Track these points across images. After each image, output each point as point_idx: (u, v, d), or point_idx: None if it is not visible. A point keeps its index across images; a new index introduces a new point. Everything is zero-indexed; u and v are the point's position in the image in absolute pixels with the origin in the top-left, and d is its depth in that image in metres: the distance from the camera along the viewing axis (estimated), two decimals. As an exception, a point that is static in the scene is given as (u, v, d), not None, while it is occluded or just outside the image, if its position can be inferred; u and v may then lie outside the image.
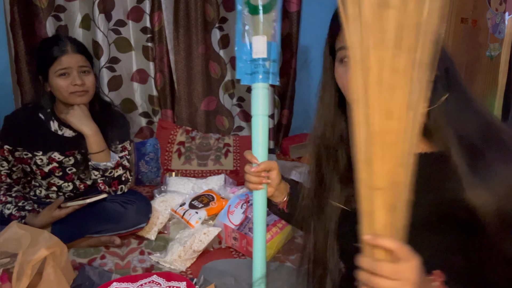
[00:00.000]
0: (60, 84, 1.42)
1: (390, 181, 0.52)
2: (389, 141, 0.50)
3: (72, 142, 1.53)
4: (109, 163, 1.50)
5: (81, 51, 1.46)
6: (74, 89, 1.43)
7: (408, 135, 0.51)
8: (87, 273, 1.28)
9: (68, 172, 1.55)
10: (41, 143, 1.50)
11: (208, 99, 2.32)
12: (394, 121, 0.50)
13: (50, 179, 1.55)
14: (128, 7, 2.09)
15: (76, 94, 1.44)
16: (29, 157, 1.51)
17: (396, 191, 0.52)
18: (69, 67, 1.42)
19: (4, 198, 1.48)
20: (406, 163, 0.52)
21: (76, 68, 1.43)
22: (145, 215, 1.57)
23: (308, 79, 2.41)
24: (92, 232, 1.50)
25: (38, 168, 1.51)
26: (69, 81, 1.42)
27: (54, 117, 1.51)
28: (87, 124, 1.47)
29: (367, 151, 0.51)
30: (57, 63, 1.41)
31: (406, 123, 0.50)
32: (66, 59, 1.42)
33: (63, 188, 1.57)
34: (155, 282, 1.15)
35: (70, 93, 1.43)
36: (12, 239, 1.09)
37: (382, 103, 0.49)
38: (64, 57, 1.41)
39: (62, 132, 1.53)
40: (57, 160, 1.52)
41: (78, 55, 1.44)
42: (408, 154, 0.52)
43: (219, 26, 2.20)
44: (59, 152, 1.52)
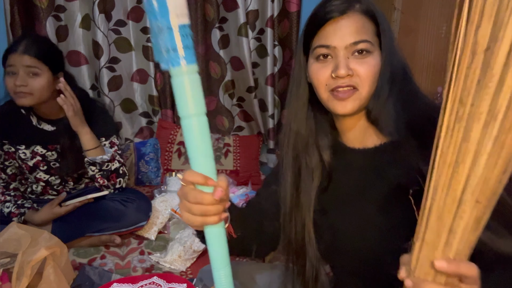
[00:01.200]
0: (7, 82, 1.41)
1: (491, 192, 0.41)
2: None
3: (52, 136, 1.53)
4: (105, 156, 1.50)
5: (34, 53, 1.40)
6: (18, 89, 1.39)
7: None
8: (87, 273, 1.28)
9: (52, 166, 1.55)
10: (23, 137, 1.51)
11: (208, 99, 2.32)
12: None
13: (36, 173, 1.55)
14: (128, 7, 2.09)
15: (19, 95, 1.40)
16: (13, 151, 1.51)
17: (490, 205, 0.42)
18: (14, 65, 1.39)
19: (3, 197, 1.49)
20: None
21: (22, 68, 1.38)
22: (145, 213, 1.58)
23: (308, 79, 2.41)
24: (93, 230, 1.51)
25: (23, 162, 1.52)
26: (13, 80, 1.39)
27: (32, 112, 1.51)
28: (83, 123, 1.47)
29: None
30: (8, 59, 1.40)
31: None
32: (13, 58, 1.39)
33: (51, 182, 1.57)
34: (156, 283, 1.15)
35: (14, 93, 1.41)
36: (12, 239, 1.10)
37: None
38: (12, 55, 1.39)
39: (42, 126, 1.53)
40: (40, 154, 1.52)
41: (26, 56, 1.39)
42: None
43: (219, 26, 2.20)
44: (41, 145, 1.52)
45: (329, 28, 0.74)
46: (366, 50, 0.73)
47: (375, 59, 0.74)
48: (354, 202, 0.80)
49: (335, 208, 0.82)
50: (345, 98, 0.74)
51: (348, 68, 0.73)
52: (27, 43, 1.40)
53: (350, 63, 0.73)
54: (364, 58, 0.74)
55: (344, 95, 0.74)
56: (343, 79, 0.74)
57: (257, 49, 2.25)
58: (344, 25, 0.74)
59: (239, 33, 2.14)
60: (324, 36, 0.75)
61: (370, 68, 0.73)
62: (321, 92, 0.77)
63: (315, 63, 0.77)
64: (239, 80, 2.27)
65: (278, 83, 2.34)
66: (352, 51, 0.74)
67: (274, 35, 2.22)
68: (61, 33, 2.02)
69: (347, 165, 0.82)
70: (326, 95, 0.77)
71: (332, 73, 0.74)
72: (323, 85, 0.76)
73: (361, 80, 0.74)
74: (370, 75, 0.74)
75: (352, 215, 0.80)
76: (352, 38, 0.73)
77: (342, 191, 0.82)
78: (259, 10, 2.19)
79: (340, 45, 0.73)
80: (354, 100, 0.75)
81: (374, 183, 0.78)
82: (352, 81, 0.74)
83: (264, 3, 2.15)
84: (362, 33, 0.73)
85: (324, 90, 0.76)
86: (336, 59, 0.74)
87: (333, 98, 0.76)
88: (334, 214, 0.82)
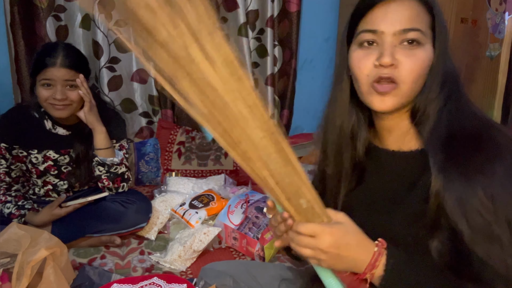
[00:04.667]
0: (42, 93, 1.41)
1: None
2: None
3: (66, 140, 1.53)
4: (115, 159, 1.51)
5: (72, 65, 1.42)
6: (54, 102, 1.41)
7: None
8: (87, 273, 1.28)
9: (63, 171, 1.55)
10: (36, 141, 1.50)
11: (208, 99, 2.32)
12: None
13: (45, 177, 1.55)
14: (128, 7, 2.09)
15: (55, 107, 1.42)
16: (24, 155, 1.51)
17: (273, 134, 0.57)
18: (53, 79, 1.40)
19: (4, 198, 1.49)
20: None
21: (60, 82, 1.40)
22: (145, 214, 1.58)
23: (308, 79, 2.41)
24: (93, 231, 1.51)
25: (33, 166, 1.52)
26: (51, 93, 1.41)
27: (47, 116, 1.51)
28: (99, 121, 1.48)
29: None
30: (43, 73, 1.40)
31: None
32: (52, 72, 1.40)
33: (58, 187, 1.57)
34: (156, 284, 1.15)
35: (48, 103, 1.42)
36: (12, 239, 1.09)
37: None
38: (50, 69, 1.40)
39: (56, 131, 1.53)
40: (52, 158, 1.52)
41: (65, 69, 1.41)
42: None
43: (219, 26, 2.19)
44: (54, 150, 1.52)
45: (378, 12, 0.67)
46: (417, 41, 0.66)
47: (425, 53, 0.66)
48: (382, 208, 0.74)
49: (361, 210, 0.77)
50: (384, 93, 0.67)
51: (394, 58, 0.65)
52: (63, 56, 1.41)
53: (397, 53, 0.66)
54: (413, 49, 0.66)
55: (384, 89, 0.67)
56: (385, 69, 0.66)
57: (257, 49, 2.25)
58: (395, 10, 0.66)
59: (239, 33, 2.14)
60: (372, 20, 0.68)
61: (417, 62, 0.65)
62: (361, 84, 0.70)
63: (358, 50, 0.70)
64: (239, 80, 2.27)
65: (278, 83, 2.34)
66: (401, 39, 0.66)
67: (274, 35, 2.22)
68: (61, 33, 2.01)
69: (379, 167, 0.76)
70: (366, 88, 0.69)
71: (376, 61, 0.67)
72: (364, 76, 0.69)
73: (404, 73, 0.66)
74: (416, 70, 0.66)
75: (378, 222, 0.73)
76: (403, 25, 0.65)
77: (371, 193, 0.77)
78: (259, 10, 2.18)
79: (389, 31, 0.66)
80: (394, 96, 0.67)
81: (406, 191, 0.71)
82: (394, 73, 0.66)
83: (264, 3, 2.15)
84: (415, 21, 0.66)
85: (365, 81, 0.69)
86: (382, 47, 0.66)
87: (372, 92, 0.68)
88: (360, 216, 0.76)
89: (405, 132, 0.73)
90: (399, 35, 0.66)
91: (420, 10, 0.67)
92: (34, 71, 1.44)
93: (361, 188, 0.78)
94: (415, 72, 0.66)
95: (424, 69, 0.67)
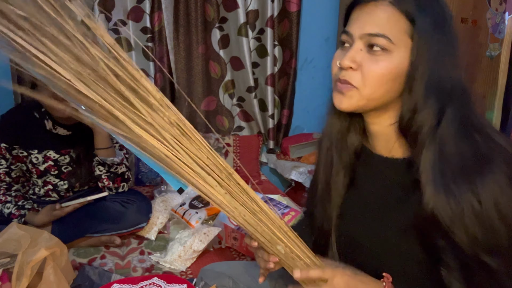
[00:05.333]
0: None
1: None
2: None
3: (67, 141, 1.53)
4: (115, 158, 1.51)
5: None
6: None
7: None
8: (87, 273, 1.28)
9: (63, 171, 1.55)
10: (36, 142, 1.50)
11: (208, 99, 2.32)
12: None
13: (45, 177, 1.55)
14: (128, 7, 2.09)
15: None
16: (24, 155, 1.51)
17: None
18: None
19: (4, 198, 1.49)
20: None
21: None
22: (145, 214, 1.58)
23: (308, 79, 2.41)
24: (93, 231, 1.51)
25: (34, 166, 1.52)
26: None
27: (48, 116, 1.51)
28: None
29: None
30: None
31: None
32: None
33: (59, 187, 1.57)
34: (156, 284, 1.15)
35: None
36: (12, 239, 1.09)
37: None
38: None
39: (57, 131, 1.53)
40: (53, 158, 1.52)
41: None
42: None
43: (219, 26, 2.19)
44: (54, 150, 1.52)
45: (355, 13, 0.68)
46: (381, 47, 0.64)
47: (391, 61, 0.64)
48: (375, 214, 0.74)
49: (353, 215, 0.77)
50: (342, 92, 0.68)
51: (353, 61, 0.65)
52: None
53: (360, 56, 0.65)
54: (376, 55, 0.64)
55: (341, 88, 0.68)
56: (344, 72, 0.67)
57: (257, 49, 2.25)
58: (367, 13, 0.65)
59: (239, 33, 2.14)
60: (349, 21, 0.69)
61: (377, 68, 0.64)
62: (332, 82, 0.71)
63: (338, 49, 0.71)
64: (239, 80, 2.27)
65: (278, 83, 2.34)
66: (367, 43, 0.65)
67: (274, 35, 2.22)
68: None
69: (372, 172, 0.76)
70: (334, 86, 0.70)
71: (338, 61, 0.67)
72: (333, 75, 0.70)
73: (362, 78, 0.65)
74: (375, 76, 0.65)
75: (371, 229, 0.73)
76: (369, 29, 0.64)
77: (364, 198, 0.76)
78: (259, 10, 2.18)
79: (356, 33, 0.66)
80: (350, 98, 0.67)
81: (399, 200, 0.70)
82: (351, 77, 0.66)
83: (264, 3, 2.15)
84: (383, 27, 0.64)
85: (333, 80, 0.70)
86: (349, 49, 0.67)
87: (334, 89, 0.69)
88: (352, 221, 0.77)
89: (393, 139, 0.71)
90: (365, 38, 0.65)
91: (394, 15, 0.64)
92: None
93: (354, 191, 0.78)
94: (374, 78, 0.65)
95: (387, 76, 0.65)
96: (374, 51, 0.65)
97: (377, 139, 0.74)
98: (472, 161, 0.62)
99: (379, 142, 0.74)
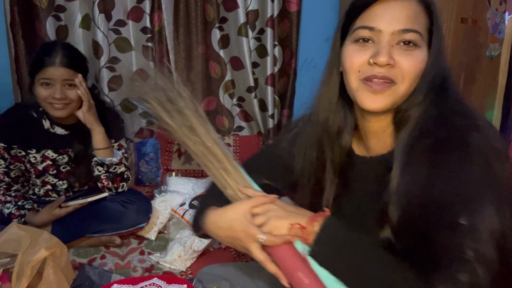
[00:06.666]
0: (41, 93, 1.42)
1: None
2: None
3: (65, 140, 1.53)
4: (114, 158, 1.51)
5: (71, 65, 1.43)
6: (53, 101, 1.42)
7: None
8: (87, 273, 1.28)
9: (62, 170, 1.55)
10: (34, 141, 1.51)
11: (208, 99, 2.32)
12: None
13: (44, 177, 1.55)
14: (128, 7, 2.08)
15: (54, 107, 1.43)
16: (23, 155, 1.51)
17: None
18: (52, 79, 1.40)
19: (3, 198, 1.49)
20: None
21: (59, 81, 1.41)
22: (145, 214, 1.58)
23: (308, 79, 2.40)
24: (92, 231, 1.51)
25: (32, 166, 1.52)
26: (50, 92, 1.41)
27: (45, 116, 1.51)
28: (97, 121, 1.49)
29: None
30: (42, 72, 1.41)
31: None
32: (51, 71, 1.40)
33: (58, 186, 1.57)
34: (156, 284, 1.15)
35: (47, 103, 1.42)
36: (12, 239, 1.09)
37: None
38: (49, 68, 1.40)
39: (55, 130, 1.52)
40: (51, 158, 1.52)
41: (64, 68, 1.41)
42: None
43: (219, 26, 2.19)
44: (52, 149, 1.52)
45: (378, 9, 0.65)
46: (414, 43, 0.64)
47: (422, 55, 0.65)
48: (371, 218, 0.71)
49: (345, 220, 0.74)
50: (378, 91, 0.65)
51: (391, 57, 0.64)
52: (61, 55, 1.42)
53: (393, 53, 0.64)
54: (410, 50, 0.64)
55: (379, 87, 0.65)
56: (381, 68, 0.64)
57: (257, 49, 2.25)
58: (395, 8, 0.64)
59: (239, 33, 2.14)
60: (370, 17, 0.66)
61: (416, 63, 0.64)
62: (351, 80, 0.68)
63: (352, 45, 0.68)
64: (239, 80, 2.27)
65: (278, 83, 2.34)
66: (399, 39, 0.64)
67: (274, 35, 2.22)
68: (61, 33, 2.01)
69: (359, 173, 0.75)
70: (356, 84, 0.67)
71: (371, 59, 0.65)
72: (356, 72, 0.67)
73: (402, 74, 0.64)
74: (414, 71, 0.64)
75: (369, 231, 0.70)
76: (402, 25, 0.64)
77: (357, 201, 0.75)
78: (259, 10, 2.18)
79: (387, 30, 0.64)
80: (388, 96, 0.65)
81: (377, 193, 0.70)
82: (391, 73, 0.64)
83: (264, 3, 2.15)
84: (413, 22, 0.64)
85: (355, 77, 0.67)
86: (379, 45, 0.65)
87: (364, 89, 0.66)
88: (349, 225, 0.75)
89: (388, 135, 0.71)
90: (398, 35, 0.64)
91: (419, 12, 0.65)
92: (32, 70, 1.44)
93: (346, 194, 0.76)
94: (413, 73, 0.65)
95: (421, 70, 0.65)
96: (407, 47, 0.65)
97: (373, 136, 0.73)
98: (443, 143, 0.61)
99: (373, 140, 0.73)
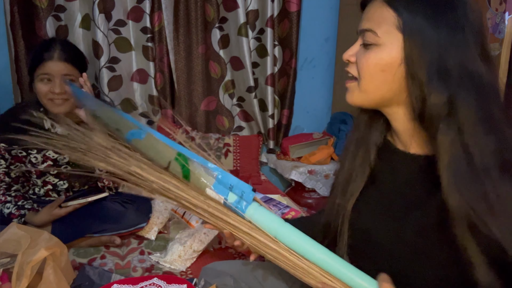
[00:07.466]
0: (40, 88, 1.41)
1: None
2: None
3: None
4: None
5: (69, 59, 1.42)
6: (53, 96, 1.41)
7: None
8: (87, 273, 1.28)
9: (63, 170, 1.55)
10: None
11: (208, 99, 2.32)
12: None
13: (45, 177, 1.54)
14: (128, 7, 2.09)
15: (55, 103, 1.42)
16: (23, 155, 1.51)
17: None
18: (51, 73, 1.40)
19: (3, 198, 1.49)
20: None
21: (58, 76, 1.40)
22: (145, 214, 1.58)
23: (308, 79, 2.41)
24: (92, 231, 1.50)
25: (33, 166, 1.51)
26: (49, 87, 1.40)
27: (46, 116, 1.51)
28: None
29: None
30: (41, 67, 1.40)
31: None
32: (50, 66, 1.39)
33: (58, 186, 1.57)
34: (156, 284, 1.15)
35: (48, 99, 1.41)
36: (11, 239, 1.09)
37: None
38: (48, 63, 1.39)
39: (55, 130, 1.52)
40: (52, 158, 1.52)
41: (63, 63, 1.40)
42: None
43: (219, 26, 2.20)
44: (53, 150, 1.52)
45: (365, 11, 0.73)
46: (370, 41, 0.68)
47: (379, 53, 0.67)
48: (397, 213, 0.72)
49: (371, 210, 0.76)
50: (347, 86, 0.73)
51: (351, 55, 0.72)
52: (60, 50, 1.41)
53: (357, 50, 0.71)
54: (368, 49, 0.69)
55: (346, 82, 0.73)
56: (347, 66, 0.73)
57: (257, 49, 2.25)
58: (366, 10, 0.71)
59: (239, 33, 2.14)
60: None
61: (367, 61, 0.69)
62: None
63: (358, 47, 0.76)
64: (239, 80, 2.27)
65: (278, 83, 2.34)
66: (361, 38, 0.71)
67: (274, 35, 2.22)
68: (61, 33, 2.02)
69: (393, 168, 0.76)
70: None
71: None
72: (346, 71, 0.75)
73: (358, 70, 0.71)
74: (365, 67, 0.69)
75: (392, 227, 0.72)
76: (362, 25, 0.70)
77: (383, 194, 0.76)
78: (259, 10, 2.19)
79: (358, 30, 0.72)
80: (352, 91, 0.72)
81: (421, 199, 0.69)
82: (353, 70, 0.72)
83: (264, 3, 2.15)
84: (372, 22, 0.68)
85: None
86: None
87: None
88: (369, 216, 0.76)
89: (410, 135, 0.72)
90: (361, 34, 0.71)
91: (383, 11, 0.67)
92: (32, 67, 1.43)
93: (373, 186, 0.78)
94: (367, 70, 0.69)
95: (376, 66, 0.68)
96: (367, 45, 0.69)
97: (399, 135, 0.75)
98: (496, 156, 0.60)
99: (401, 138, 0.75)
